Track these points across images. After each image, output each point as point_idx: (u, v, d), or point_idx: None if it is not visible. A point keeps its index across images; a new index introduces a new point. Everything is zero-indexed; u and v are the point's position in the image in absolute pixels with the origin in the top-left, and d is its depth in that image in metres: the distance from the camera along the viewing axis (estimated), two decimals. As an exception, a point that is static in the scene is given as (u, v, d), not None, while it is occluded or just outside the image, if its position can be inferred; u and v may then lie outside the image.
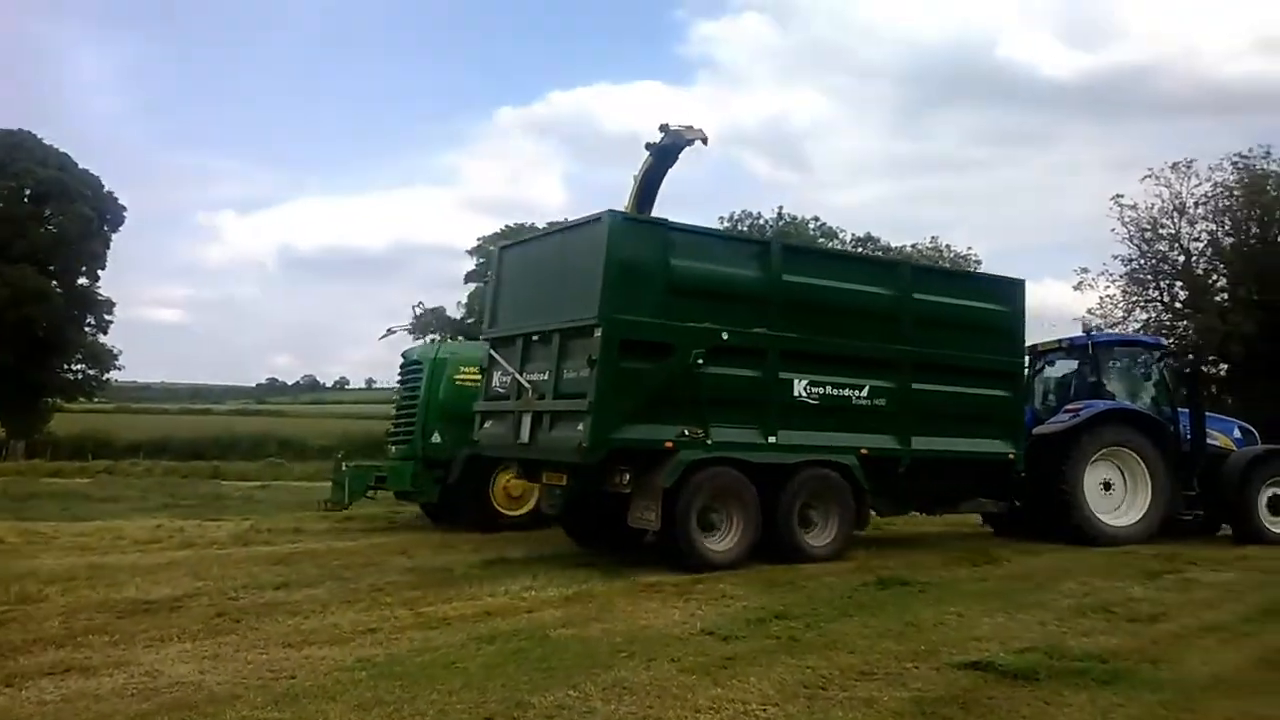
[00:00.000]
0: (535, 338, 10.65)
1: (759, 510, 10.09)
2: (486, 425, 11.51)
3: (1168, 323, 39.09)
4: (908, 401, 11.33)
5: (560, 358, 10.09)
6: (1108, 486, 13.08)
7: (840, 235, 52.57)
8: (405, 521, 14.61)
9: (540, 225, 56.48)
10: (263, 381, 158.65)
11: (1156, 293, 41.03)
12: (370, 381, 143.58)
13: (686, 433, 9.83)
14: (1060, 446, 12.83)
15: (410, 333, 51.38)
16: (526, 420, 10.45)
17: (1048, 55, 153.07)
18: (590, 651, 6.13)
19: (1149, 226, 41.28)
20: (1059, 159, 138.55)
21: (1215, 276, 41.66)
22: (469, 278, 54.12)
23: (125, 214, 47.33)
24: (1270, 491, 13.58)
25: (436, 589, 8.39)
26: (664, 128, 16.47)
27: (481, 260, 54.32)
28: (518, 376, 10.67)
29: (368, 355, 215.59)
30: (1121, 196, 41.65)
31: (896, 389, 11.28)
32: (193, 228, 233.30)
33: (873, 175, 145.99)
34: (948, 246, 50.59)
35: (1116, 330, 35.72)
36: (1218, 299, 39.96)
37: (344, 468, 14.26)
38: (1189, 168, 40.52)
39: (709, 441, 9.94)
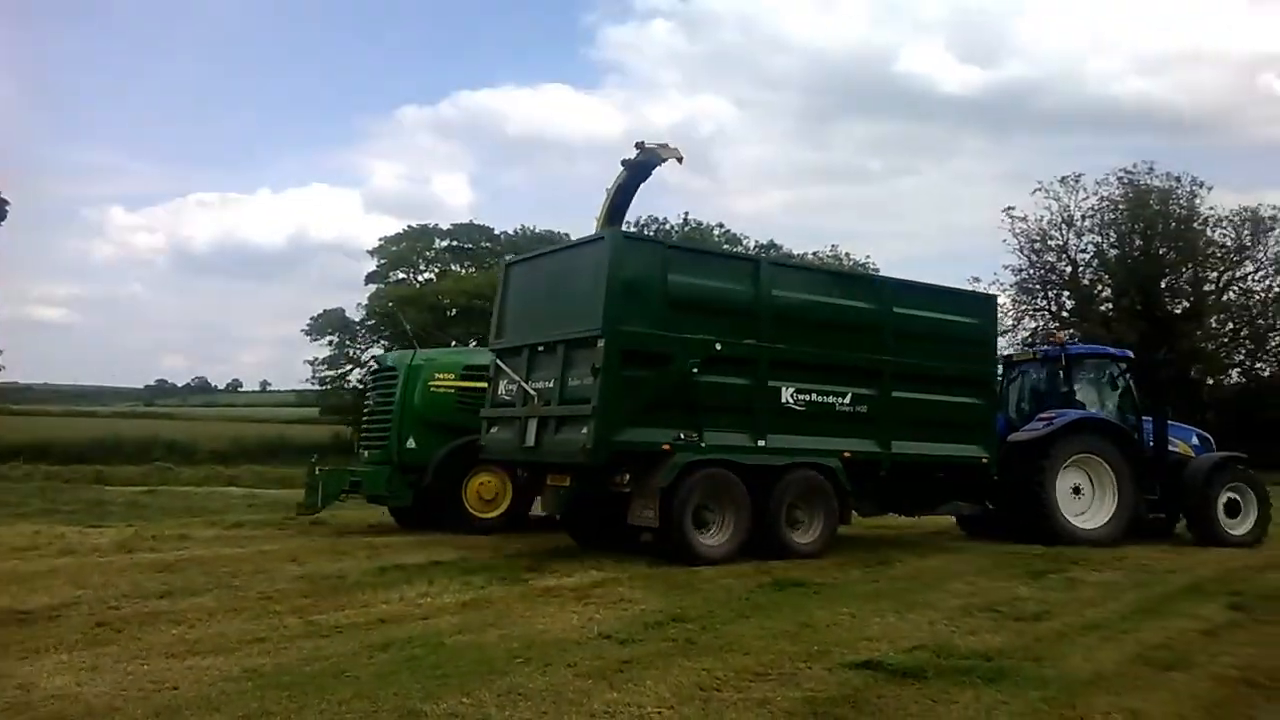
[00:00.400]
0: (541, 348, 11.35)
1: (750, 509, 10.76)
2: (493, 430, 12.13)
3: (1054, 331, 40.47)
4: (887, 408, 12.06)
5: (565, 366, 10.80)
6: (1077, 491, 13.74)
7: (744, 241, 53.21)
8: (297, 528, 14.28)
9: (445, 226, 56.02)
10: (151, 383, 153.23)
11: (1045, 302, 42.64)
12: (265, 384, 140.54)
13: (682, 436, 10.53)
14: (1035, 453, 13.46)
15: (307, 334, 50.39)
16: (532, 425, 11.12)
17: (943, 70, 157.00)
18: (486, 658, 6.05)
19: (1038, 238, 42.92)
20: (954, 171, 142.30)
21: (1100, 287, 43.42)
22: (370, 278, 53.06)
23: (8, 209, 45.28)
24: (1226, 495, 14.31)
25: (329, 596, 8.21)
26: (640, 145, 16.74)
27: (383, 260, 53.45)
28: (524, 384, 11.34)
29: (262, 356, 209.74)
30: (1012, 209, 43.31)
31: (877, 396, 12.01)
32: (79, 224, 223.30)
33: (777, 183, 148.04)
34: (847, 255, 51.66)
35: (1005, 339, 36.95)
36: (1103, 308, 41.65)
37: (317, 471, 14.13)
38: (1077, 182, 42.29)
39: (703, 444, 10.65)
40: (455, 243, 55.36)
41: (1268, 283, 42.23)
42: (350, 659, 6.01)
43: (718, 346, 10.78)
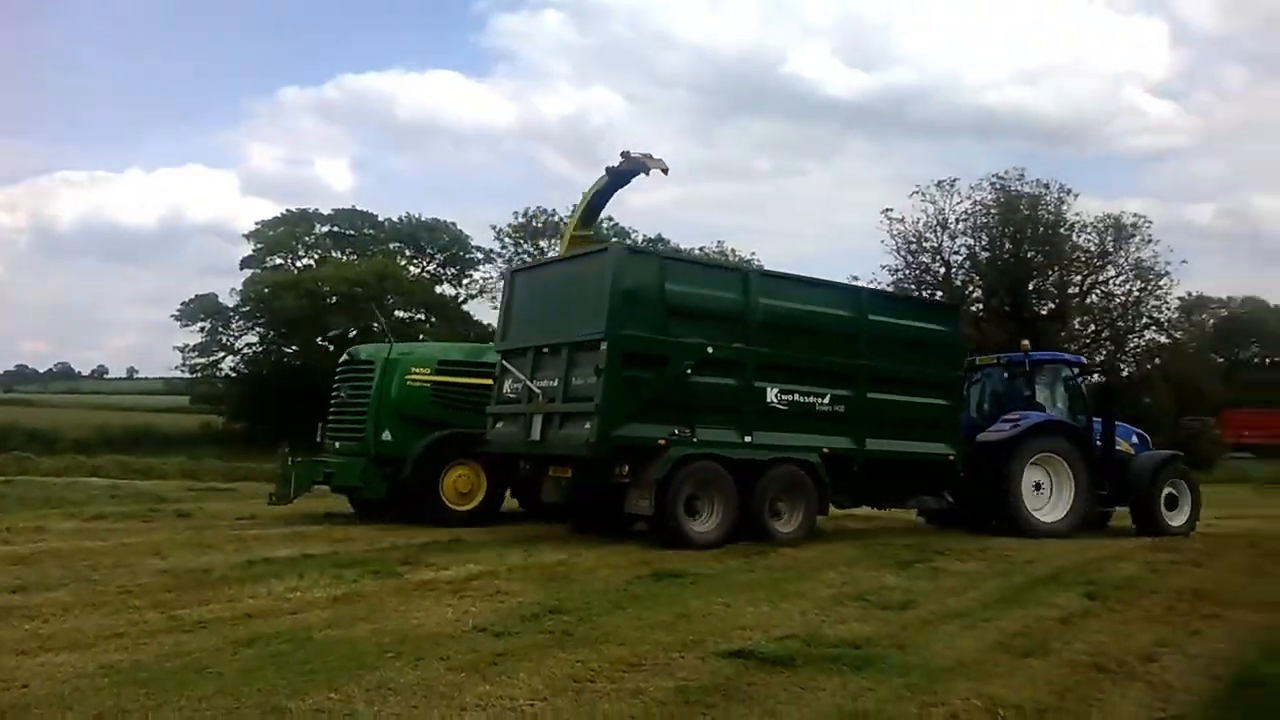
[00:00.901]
0: (545, 350, 12.22)
1: (737, 499, 11.68)
2: (498, 426, 12.98)
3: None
4: (862, 408, 13.06)
5: (569, 367, 11.71)
6: (1038, 487, 14.52)
7: (633, 235, 53.28)
8: (162, 520, 13.80)
9: (326, 211, 54.61)
10: (10, 369, 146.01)
11: (919, 301, 43.74)
12: (132, 371, 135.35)
13: (676, 432, 11.50)
14: (1002, 452, 14.23)
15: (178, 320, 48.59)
16: (537, 421, 11.97)
17: (830, 74, 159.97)
18: (356, 653, 5.94)
19: (914, 240, 44.10)
20: (839, 172, 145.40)
21: (971, 287, 44.86)
22: (245, 263, 51.30)
23: None
24: (1166, 490, 15.35)
25: (192, 591, 7.95)
26: (625, 154, 16.93)
27: (259, 245, 51.82)
28: (529, 384, 12.17)
29: (130, 342, 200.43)
30: (891, 211, 44.32)
31: (854, 397, 13.00)
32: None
33: (668, 178, 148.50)
34: (733, 251, 52.12)
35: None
36: (974, 309, 43.00)
37: (290, 462, 13.97)
38: (952, 186, 43.56)
39: (695, 440, 11.60)
40: (336, 229, 54.00)
41: (1128, 287, 44.28)
42: (213, 655, 5.83)
43: (709, 350, 11.73)
